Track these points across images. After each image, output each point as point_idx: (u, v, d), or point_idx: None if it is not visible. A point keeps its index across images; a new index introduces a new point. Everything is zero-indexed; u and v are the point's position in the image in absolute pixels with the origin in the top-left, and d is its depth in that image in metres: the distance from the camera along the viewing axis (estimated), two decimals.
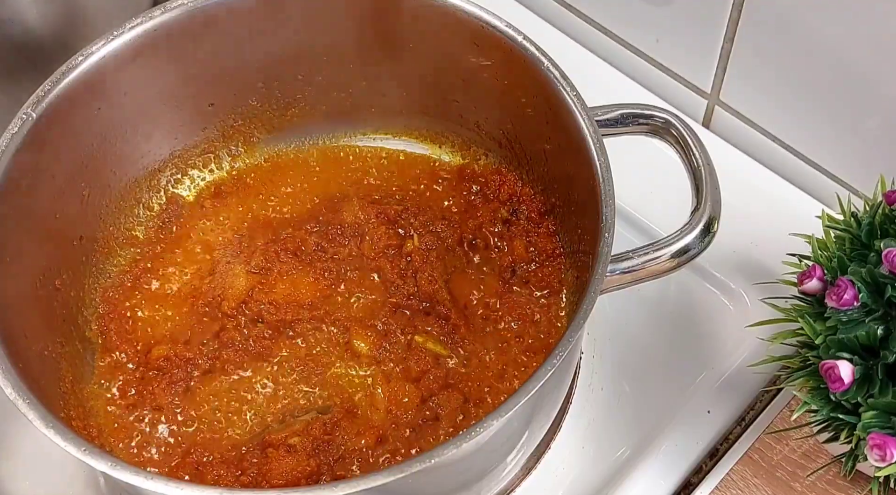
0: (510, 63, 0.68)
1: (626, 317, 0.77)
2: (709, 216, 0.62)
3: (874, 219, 0.62)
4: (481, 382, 0.69)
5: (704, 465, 0.72)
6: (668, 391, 0.74)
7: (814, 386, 0.61)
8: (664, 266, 0.62)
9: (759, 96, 0.81)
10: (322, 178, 0.79)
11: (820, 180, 0.81)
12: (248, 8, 0.70)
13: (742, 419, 0.73)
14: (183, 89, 0.74)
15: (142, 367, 0.70)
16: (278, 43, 0.74)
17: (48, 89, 0.64)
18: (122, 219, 0.75)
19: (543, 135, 0.70)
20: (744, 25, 0.76)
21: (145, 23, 0.67)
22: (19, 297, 0.63)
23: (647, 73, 0.88)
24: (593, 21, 0.90)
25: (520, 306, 0.72)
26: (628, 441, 0.72)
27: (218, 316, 0.72)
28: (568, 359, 0.58)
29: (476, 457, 0.59)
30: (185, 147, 0.77)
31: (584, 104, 0.64)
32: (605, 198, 0.60)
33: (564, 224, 0.73)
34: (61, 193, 0.68)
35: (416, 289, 0.72)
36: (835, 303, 0.59)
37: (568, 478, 0.71)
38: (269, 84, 0.77)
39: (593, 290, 0.57)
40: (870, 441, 0.57)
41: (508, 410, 0.53)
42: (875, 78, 0.71)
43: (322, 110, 0.79)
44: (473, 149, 0.79)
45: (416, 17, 0.70)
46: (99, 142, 0.70)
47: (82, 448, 0.53)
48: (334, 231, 0.75)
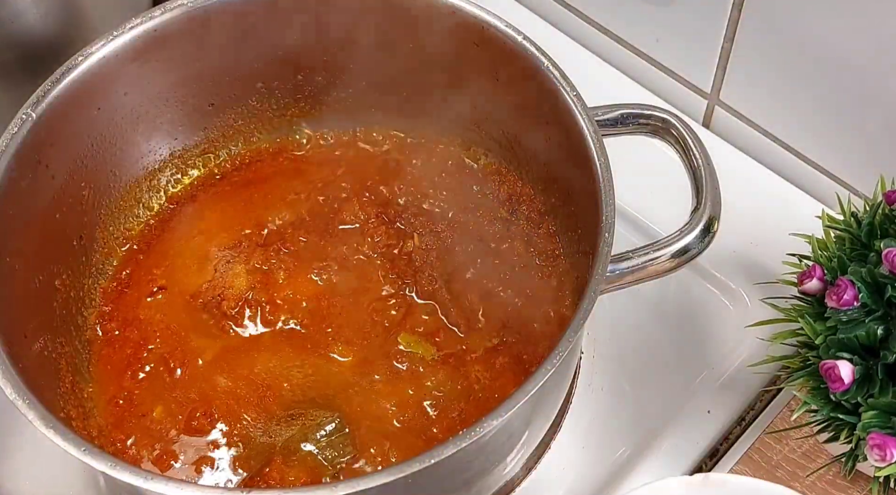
0: (510, 63, 0.68)
1: (626, 317, 0.77)
2: (709, 216, 0.62)
3: (874, 219, 0.62)
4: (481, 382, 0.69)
5: (704, 465, 0.72)
6: (668, 391, 0.74)
7: (814, 386, 0.61)
8: (664, 266, 0.62)
9: (759, 96, 0.81)
10: (322, 178, 0.79)
11: (820, 180, 0.81)
12: (248, 8, 0.70)
13: (742, 419, 0.73)
14: (183, 89, 0.74)
15: (142, 367, 0.70)
16: (278, 43, 0.74)
17: (48, 89, 0.64)
18: (122, 219, 0.75)
19: (543, 136, 0.70)
20: (744, 25, 0.76)
21: (145, 23, 0.67)
22: (19, 297, 0.63)
23: (647, 73, 0.88)
24: (593, 21, 0.90)
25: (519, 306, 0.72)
26: (628, 441, 0.72)
27: (218, 316, 0.72)
28: (568, 359, 0.58)
29: (476, 457, 0.59)
30: (185, 147, 0.77)
31: (584, 104, 0.64)
32: (605, 198, 0.60)
33: (564, 224, 0.73)
34: (61, 193, 0.68)
35: (416, 289, 0.72)
36: (835, 303, 0.59)
37: (568, 478, 0.71)
38: (269, 84, 0.77)
39: (593, 290, 0.57)
40: (870, 441, 0.57)
41: (508, 410, 0.53)
42: (875, 78, 0.71)
43: (322, 110, 0.79)
44: (473, 150, 0.79)
45: (416, 17, 0.70)
46: (99, 142, 0.70)
47: (82, 448, 0.53)
48: (334, 231, 0.75)
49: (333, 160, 0.80)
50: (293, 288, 0.73)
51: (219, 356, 0.70)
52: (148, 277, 0.74)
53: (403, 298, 0.72)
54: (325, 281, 0.73)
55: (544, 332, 0.71)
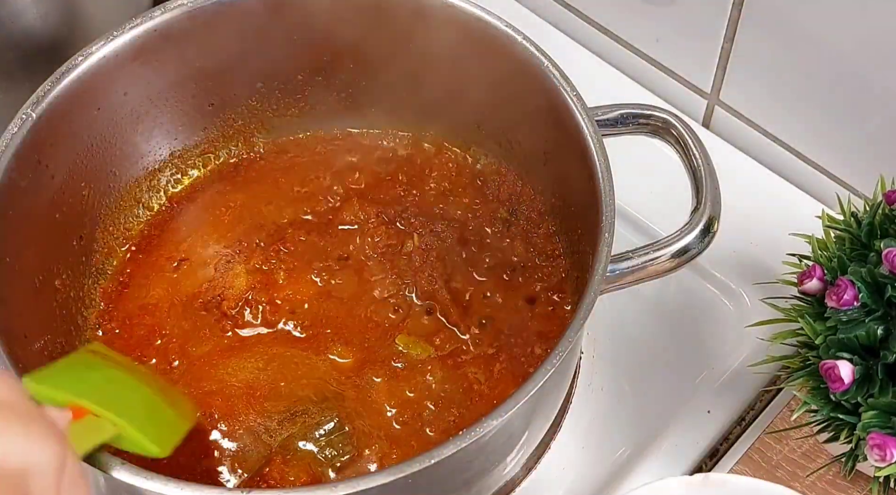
0: (510, 63, 0.68)
1: (626, 317, 0.77)
2: (709, 216, 0.62)
3: (874, 219, 0.62)
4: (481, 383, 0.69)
5: (704, 465, 0.72)
6: (668, 391, 0.74)
7: (814, 386, 0.61)
8: (664, 266, 0.62)
9: (759, 96, 0.81)
10: (322, 178, 0.79)
11: (820, 180, 0.81)
12: (248, 8, 0.70)
13: (742, 419, 0.73)
14: (183, 89, 0.74)
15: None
16: (278, 43, 0.74)
17: (48, 89, 0.64)
18: (122, 219, 0.75)
19: (543, 136, 0.70)
20: (744, 25, 0.76)
21: (145, 23, 0.67)
22: (19, 297, 0.63)
23: (647, 73, 0.88)
24: (593, 21, 0.90)
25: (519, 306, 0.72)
26: (628, 441, 0.72)
27: (218, 316, 0.72)
28: (568, 359, 0.58)
29: (476, 457, 0.59)
30: (185, 147, 0.77)
31: (584, 104, 0.64)
32: (605, 198, 0.60)
33: (564, 224, 0.73)
34: (61, 193, 0.68)
35: (415, 289, 0.72)
36: (835, 303, 0.59)
37: (568, 478, 0.71)
38: (269, 84, 0.77)
39: (593, 290, 0.57)
40: (870, 441, 0.57)
41: (508, 410, 0.53)
42: (875, 78, 0.71)
43: (322, 110, 0.79)
44: (473, 149, 0.79)
45: (416, 16, 0.70)
46: (99, 142, 0.70)
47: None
48: (334, 231, 0.75)
49: (333, 160, 0.80)
50: (293, 288, 0.73)
51: (219, 356, 0.70)
52: (148, 277, 0.74)
53: (403, 299, 0.72)
54: (324, 281, 0.73)
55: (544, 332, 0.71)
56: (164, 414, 0.59)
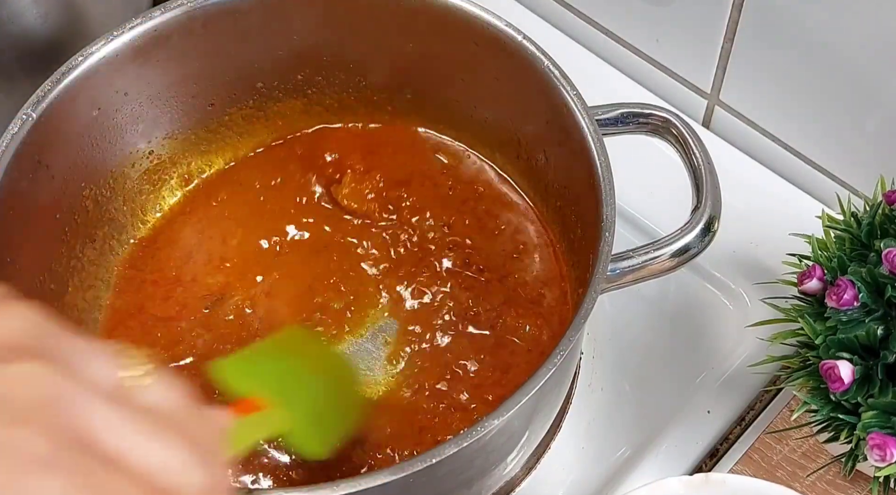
0: (510, 63, 0.68)
1: (626, 317, 0.77)
2: (709, 215, 0.62)
3: (874, 219, 0.62)
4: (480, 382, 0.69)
5: (704, 465, 0.72)
6: (668, 391, 0.74)
7: (814, 386, 0.61)
8: (664, 265, 0.62)
9: (759, 96, 0.81)
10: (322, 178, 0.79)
11: (820, 180, 0.81)
12: (248, 8, 0.70)
13: (742, 419, 0.73)
14: (183, 89, 0.73)
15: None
16: (278, 43, 0.74)
17: (48, 89, 0.64)
18: (121, 219, 0.75)
19: (543, 136, 0.70)
20: (744, 25, 0.76)
21: (145, 23, 0.67)
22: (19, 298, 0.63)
23: (647, 73, 0.88)
24: (594, 21, 0.90)
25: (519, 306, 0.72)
26: (628, 441, 0.72)
27: (218, 315, 0.72)
28: (568, 359, 0.58)
29: (476, 457, 0.59)
30: (185, 147, 0.77)
31: (584, 104, 0.64)
32: (605, 198, 0.60)
33: (564, 224, 0.73)
34: (61, 193, 0.68)
35: (415, 288, 0.72)
36: (835, 303, 0.59)
37: (568, 478, 0.71)
38: (269, 84, 0.77)
39: (593, 290, 0.57)
40: (870, 441, 0.57)
41: (508, 410, 0.53)
42: (875, 78, 0.71)
43: (322, 110, 0.79)
44: (473, 149, 0.79)
45: (415, 16, 0.70)
46: (99, 142, 0.70)
47: None
48: (335, 230, 0.75)
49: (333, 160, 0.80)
50: (293, 287, 0.73)
51: (219, 356, 0.70)
52: (148, 278, 0.74)
53: (403, 299, 0.72)
54: (325, 281, 0.73)
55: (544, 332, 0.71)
56: (332, 414, 0.58)
